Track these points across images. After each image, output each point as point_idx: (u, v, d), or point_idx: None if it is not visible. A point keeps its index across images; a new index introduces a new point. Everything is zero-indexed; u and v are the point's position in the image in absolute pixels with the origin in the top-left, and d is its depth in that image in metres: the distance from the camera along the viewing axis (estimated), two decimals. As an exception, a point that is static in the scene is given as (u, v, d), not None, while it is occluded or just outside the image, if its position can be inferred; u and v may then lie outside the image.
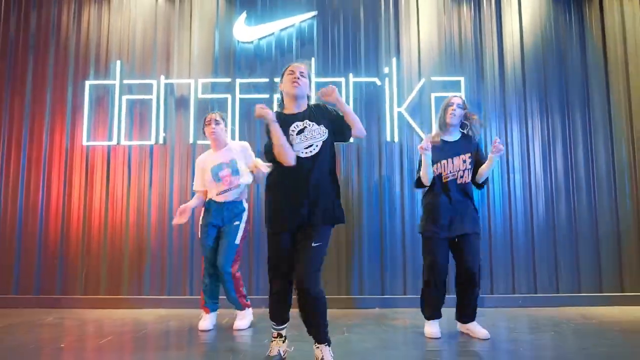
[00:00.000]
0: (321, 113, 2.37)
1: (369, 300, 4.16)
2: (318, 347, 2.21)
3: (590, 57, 4.52)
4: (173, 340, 2.96)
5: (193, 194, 4.27)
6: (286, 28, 4.49)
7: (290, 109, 2.37)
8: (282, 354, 2.39)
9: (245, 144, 3.41)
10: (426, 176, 2.98)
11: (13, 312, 3.91)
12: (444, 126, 3.05)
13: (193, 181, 4.26)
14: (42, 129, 4.42)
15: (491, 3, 4.57)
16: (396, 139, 4.36)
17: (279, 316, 2.36)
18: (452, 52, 4.50)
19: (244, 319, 3.30)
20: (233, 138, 4.20)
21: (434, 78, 4.42)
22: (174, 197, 4.30)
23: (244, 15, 4.48)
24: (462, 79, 4.41)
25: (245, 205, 3.37)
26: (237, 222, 3.26)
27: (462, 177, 2.97)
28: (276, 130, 2.24)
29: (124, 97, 4.40)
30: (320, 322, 2.21)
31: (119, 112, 4.38)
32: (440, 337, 2.91)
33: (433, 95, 4.37)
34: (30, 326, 3.36)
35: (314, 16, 4.51)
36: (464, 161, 2.98)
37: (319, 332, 2.22)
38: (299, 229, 2.26)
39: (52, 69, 4.49)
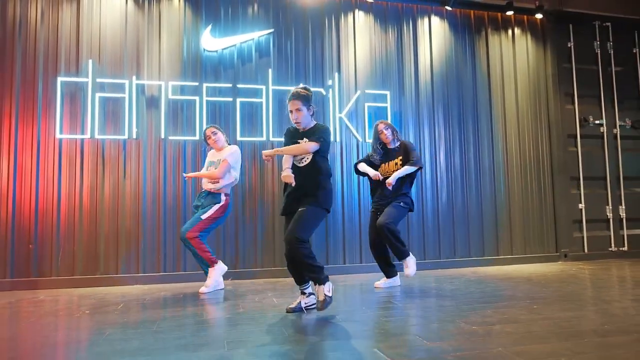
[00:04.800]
0: (315, 133, 3.17)
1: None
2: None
3: (479, 79, 5.97)
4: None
5: (165, 185, 4.89)
6: (247, 41, 5.23)
7: (299, 127, 3.21)
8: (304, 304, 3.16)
9: (231, 149, 4.25)
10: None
11: (-5, 294, 4.19)
12: (383, 147, 4.23)
13: (165, 173, 4.88)
14: (11, 121, 4.61)
15: (409, 33, 5.77)
16: (337, 139, 5.38)
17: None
18: (381, 70, 5.63)
19: (209, 278, 4.05)
20: (200, 135, 4.81)
21: (367, 90, 5.51)
22: (147, 188, 4.83)
23: (209, 27, 5.11)
24: (388, 92, 5.56)
25: (223, 198, 4.18)
26: (211, 205, 4.12)
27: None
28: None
29: (97, 95, 4.78)
30: None
31: (92, 108, 4.75)
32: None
33: (366, 104, 5.46)
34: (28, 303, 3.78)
35: (270, 32, 5.31)
36: (396, 164, 4.14)
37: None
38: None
39: (20, 65, 4.68)
